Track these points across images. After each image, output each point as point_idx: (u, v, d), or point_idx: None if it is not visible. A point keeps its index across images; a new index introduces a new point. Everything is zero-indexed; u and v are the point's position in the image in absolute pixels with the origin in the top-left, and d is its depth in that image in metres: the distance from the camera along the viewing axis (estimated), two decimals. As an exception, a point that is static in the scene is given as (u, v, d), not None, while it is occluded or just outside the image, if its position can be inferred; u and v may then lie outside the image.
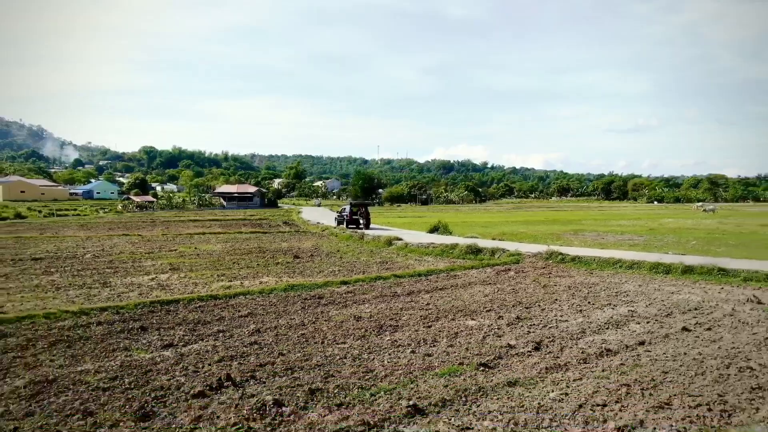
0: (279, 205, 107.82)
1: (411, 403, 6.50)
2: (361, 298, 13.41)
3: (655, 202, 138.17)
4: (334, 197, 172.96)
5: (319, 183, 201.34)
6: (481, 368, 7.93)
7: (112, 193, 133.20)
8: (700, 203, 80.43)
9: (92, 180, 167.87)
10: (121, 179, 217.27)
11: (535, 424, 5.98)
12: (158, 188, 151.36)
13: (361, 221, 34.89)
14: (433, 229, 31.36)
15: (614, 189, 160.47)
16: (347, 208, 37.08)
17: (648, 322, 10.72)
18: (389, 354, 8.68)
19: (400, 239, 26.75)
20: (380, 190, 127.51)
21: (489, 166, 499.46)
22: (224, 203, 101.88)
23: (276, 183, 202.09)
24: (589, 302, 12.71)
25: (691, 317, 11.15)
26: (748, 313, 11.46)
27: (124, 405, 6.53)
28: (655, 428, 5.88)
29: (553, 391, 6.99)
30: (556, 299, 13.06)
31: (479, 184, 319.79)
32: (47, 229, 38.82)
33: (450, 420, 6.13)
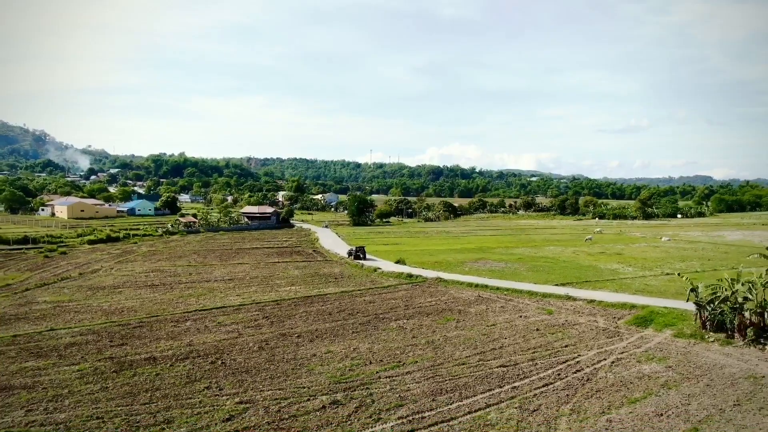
0: (291, 222, 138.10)
1: (374, 314, 37.68)
2: (365, 293, 44.60)
3: (597, 219, 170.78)
4: (332, 209, 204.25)
5: (318, 196, 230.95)
6: (388, 310, 39.19)
7: (150, 210, 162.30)
8: (599, 229, 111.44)
9: (113, 190, 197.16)
10: (137, 189, 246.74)
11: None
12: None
13: (361, 255, 65.97)
14: (397, 261, 62.31)
15: (567, 206, 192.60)
16: (353, 248, 68.10)
17: (431, 302, 41.72)
18: (372, 305, 39.92)
19: (380, 268, 57.77)
20: (372, 209, 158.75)
21: (477, 170, 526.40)
22: (249, 222, 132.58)
23: (280, 196, 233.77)
24: (431, 296, 43.91)
25: (434, 299, 42.18)
26: (468, 298, 42.62)
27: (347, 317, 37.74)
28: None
29: (406, 310, 38.26)
30: (422, 296, 44.13)
31: (464, 191, 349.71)
32: (183, 257, 69.29)
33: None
